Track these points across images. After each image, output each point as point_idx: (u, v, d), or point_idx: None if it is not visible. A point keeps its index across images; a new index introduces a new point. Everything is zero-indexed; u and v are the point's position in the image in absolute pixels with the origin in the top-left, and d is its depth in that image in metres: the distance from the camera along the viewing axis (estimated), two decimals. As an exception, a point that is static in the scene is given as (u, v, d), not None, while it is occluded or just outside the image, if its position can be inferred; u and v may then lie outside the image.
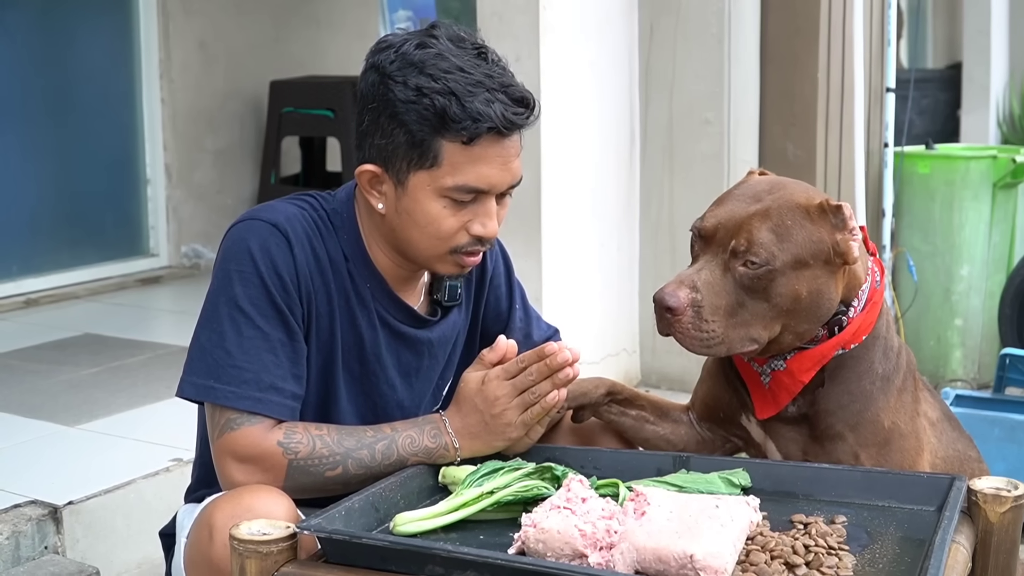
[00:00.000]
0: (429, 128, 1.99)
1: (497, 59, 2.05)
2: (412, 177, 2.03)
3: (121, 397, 3.95)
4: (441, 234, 2.05)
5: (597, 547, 1.70)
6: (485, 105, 1.97)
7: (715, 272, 2.03)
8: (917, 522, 1.88)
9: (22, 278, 5.57)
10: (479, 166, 2.01)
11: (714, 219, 2.07)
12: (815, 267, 2.02)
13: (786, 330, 2.05)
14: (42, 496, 3.06)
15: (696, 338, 2.02)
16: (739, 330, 2.03)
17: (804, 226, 2.02)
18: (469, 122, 1.97)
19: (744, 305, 2.02)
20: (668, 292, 2.01)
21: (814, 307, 2.04)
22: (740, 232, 2.02)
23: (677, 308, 2.00)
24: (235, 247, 2.04)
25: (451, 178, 2.01)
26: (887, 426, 2.11)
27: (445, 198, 2.03)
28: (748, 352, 2.06)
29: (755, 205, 2.05)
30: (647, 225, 4.82)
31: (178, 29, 6.13)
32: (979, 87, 8.46)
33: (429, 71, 1.98)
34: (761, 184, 2.11)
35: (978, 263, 4.96)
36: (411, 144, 2.00)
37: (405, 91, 1.99)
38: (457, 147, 1.99)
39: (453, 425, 2.06)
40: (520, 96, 2.02)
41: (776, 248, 2.00)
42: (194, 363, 2.02)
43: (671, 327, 2.03)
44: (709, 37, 4.61)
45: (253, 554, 1.71)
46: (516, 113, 2.01)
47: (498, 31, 4.19)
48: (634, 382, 4.81)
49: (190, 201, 6.26)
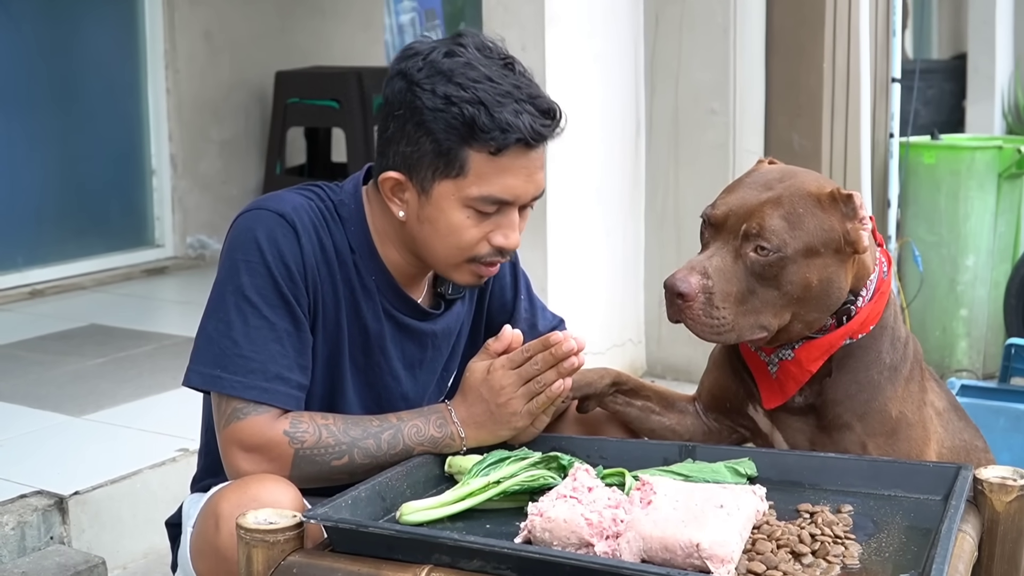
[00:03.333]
0: (457, 137, 1.98)
1: (523, 70, 2.05)
2: (437, 186, 2.02)
3: (127, 387, 3.96)
4: (463, 244, 2.05)
5: (603, 536, 1.70)
6: (514, 116, 1.97)
7: (726, 259, 2.03)
8: (923, 511, 1.88)
9: (28, 269, 5.58)
10: (505, 177, 2.00)
11: (725, 206, 2.06)
12: (826, 255, 2.02)
13: (795, 319, 2.04)
14: (48, 486, 3.07)
15: (707, 324, 2.01)
16: (749, 317, 2.02)
17: (815, 214, 2.02)
18: (498, 132, 1.96)
19: (755, 292, 2.02)
20: (679, 278, 2.01)
21: (824, 295, 2.03)
22: (751, 219, 2.01)
23: (688, 294, 2.00)
24: (242, 237, 2.04)
25: (476, 188, 2.00)
26: (895, 416, 2.11)
27: (469, 208, 2.02)
28: (757, 340, 2.06)
29: (767, 193, 2.04)
30: (652, 215, 4.82)
31: (183, 19, 6.12)
32: (984, 77, 8.44)
33: (458, 80, 1.97)
34: (772, 172, 2.11)
35: (983, 253, 4.95)
36: (437, 153, 2.00)
37: (433, 99, 1.98)
38: (484, 157, 1.99)
39: (459, 414, 2.06)
40: (548, 107, 2.02)
41: (788, 235, 1.99)
42: (200, 352, 2.03)
43: (682, 313, 2.02)
44: (715, 27, 4.60)
45: (260, 543, 1.71)
46: (544, 125, 2.01)
47: (503, 20, 4.18)
48: (639, 372, 4.81)
49: (195, 191, 6.26)
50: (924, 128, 5.69)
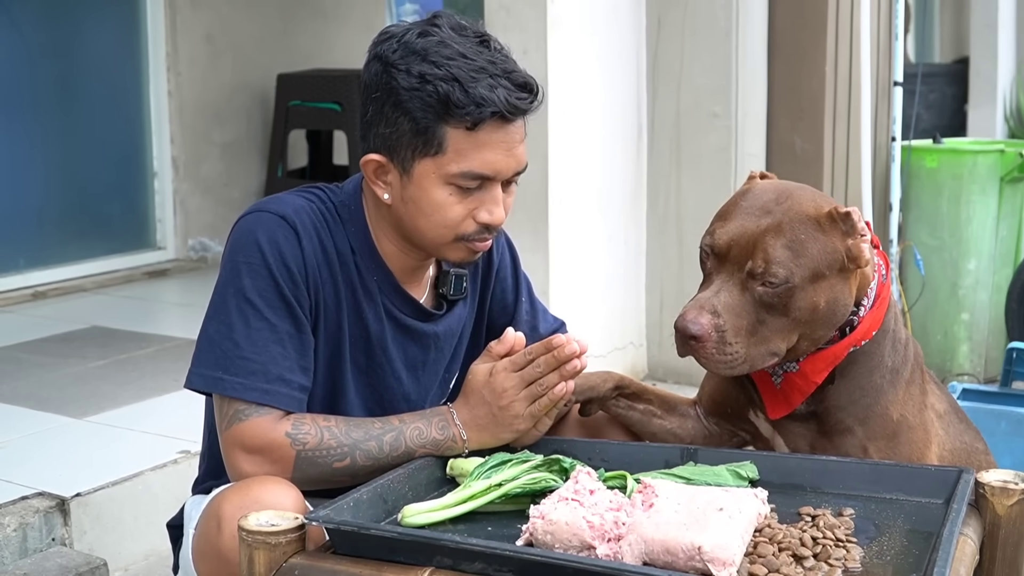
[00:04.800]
0: (433, 115, 1.99)
1: (499, 47, 2.05)
2: (417, 165, 2.03)
3: (128, 389, 3.96)
4: (448, 222, 2.05)
5: (605, 539, 1.71)
6: (488, 90, 1.97)
7: (733, 293, 2.01)
8: (925, 515, 1.88)
9: (29, 271, 5.58)
10: (484, 152, 2.01)
11: (726, 236, 2.04)
12: (831, 277, 2.01)
13: (803, 338, 2.04)
14: (49, 488, 3.07)
15: (720, 361, 2.01)
16: (760, 347, 2.02)
17: (817, 238, 2.00)
18: (473, 107, 1.97)
19: (764, 322, 2.01)
20: (690, 320, 1.99)
21: (831, 314, 2.03)
22: (756, 251, 2.00)
23: (701, 336, 1.99)
24: (243, 239, 2.04)
25: (456, 165, 2.01)
26: (896, 419, 2.11)
27: (451, 185, 2.03)
28: (769, 365, 2.06)
29: (766, 219, 2.02)
30: (654, 219, 4.82)
31: (185, 22, 6.12)
32: (986, 81, 8.44)
33: (432, 58, 1.98)
34: (767, 193, 2.07)
35: (985, 257, 4.95)
36: (415, 132, 2.01)
37: (408, 79, 1.99)
38: (461, 133, 1.99)
39: (461, 417, 2.06)
40: (523, 81, 2.03)
41: (793, 265, 1.98)
42: (202, 354, 2.03)
43: (695, 352, 2.01)
44: (717, 31, 4.61)
45: (261, 545, 1.71)
46: (520, 98, 2.01)
47: (505, 24, 4.19)
48: (641, 376, 4.81)
49: (197, 194, 6.26)
50: (926, 132, 5.69)
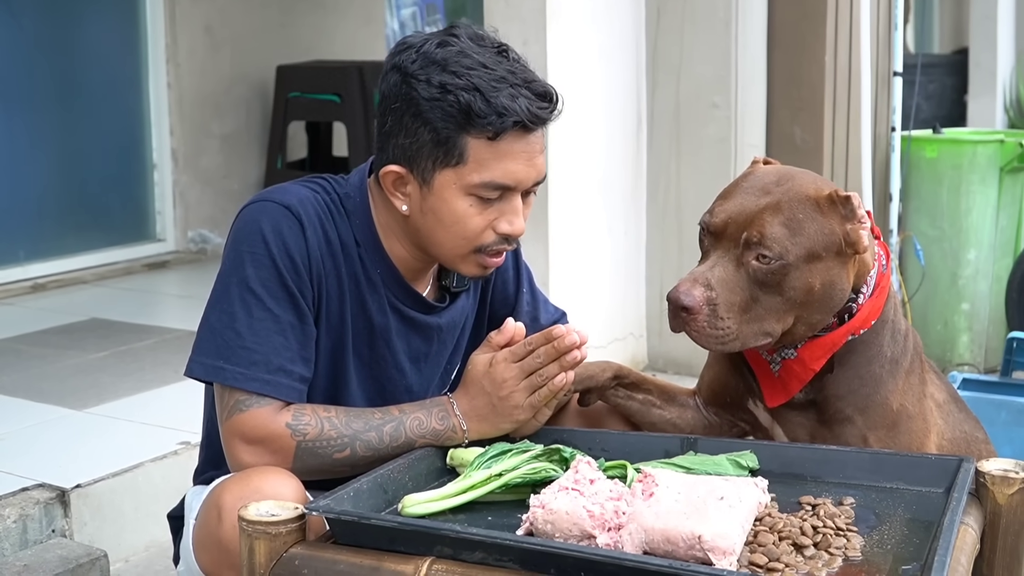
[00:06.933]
0: (454, 125, 1.98)
1: (517, 56, 2.05)
2: (438, 176, 2.02)
3: (128, 381, 3.96)
4: (467, 233, 2.05)
5: (605, 528, 1.71)
6: (510, 100, 1.97)
7: (728, 268, 2.01)
8: (925, 504, 1.88)
9: (29, 263, 5.57)
10: (505, 162, 2.00)
11: (723, 214, 2.05)
12: (827, 259, 2.01)
13: (799, 322, 2.04)
14: (49, 479, 3.07)
15: (711, 336, 2.01)
16: (753, 325, 2.02)
17: (815, 218, 2.01)
18: (494, 117, 1.96)
19: (758, 300, 2.01)
20: (683, 291, 2.00)
21: (827, 298, 2.03)
22: (752, 227, 2.00)
23: (693, 307, 1.99)
24: (247, 228, 2.04)
25: (477, 175, 2.00)
26: (895, 408, 2.11)
27: (471, 196, 2.02)
28: (762, 346, 2.06)
29: (765, 198, 2.03)
30: (654, 209, 4.82)
31: (184, 13, 6.12)
32: (986, 72, 8.45)
33: (452, 68, 1.98)
34: (768, 175, 2.09)
35: (985, 247, 4.95)
36: (436, 142, 2.00)
37: (429, 89, 1.98)
38: (483, 143, 1.99)
39: (461, 407, 2.06)
40: (543, 91, 2.02)
41: (789, 242, 1.98)
42: (203, 343, 2.03)
43: (686, 325, 2.01)
44: (716, 21, 4.60)
45: (262, 535, 1.71)
46: (540, 107, 2.01)
47: (505, 15, 4.18)
48: (641, 366, 4.81)
49: (197, 186, 6.25)
50: (925, 123, 5.68)
